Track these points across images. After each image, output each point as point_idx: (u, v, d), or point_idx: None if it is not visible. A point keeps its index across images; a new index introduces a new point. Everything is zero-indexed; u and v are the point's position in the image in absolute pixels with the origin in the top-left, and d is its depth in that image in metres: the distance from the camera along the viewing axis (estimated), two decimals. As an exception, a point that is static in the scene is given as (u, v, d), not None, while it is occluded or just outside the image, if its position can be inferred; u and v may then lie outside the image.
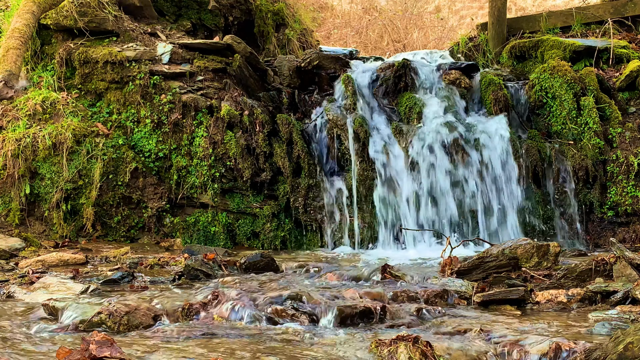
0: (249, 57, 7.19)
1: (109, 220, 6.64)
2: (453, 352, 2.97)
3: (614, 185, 6.56)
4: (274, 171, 6.76)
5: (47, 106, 6.76)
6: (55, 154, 6.55)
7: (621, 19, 7.87)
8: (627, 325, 3.35)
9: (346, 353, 3.04)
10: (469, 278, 4.43)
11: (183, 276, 4.72)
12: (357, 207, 6.60)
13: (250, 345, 3.16)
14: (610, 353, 2.64)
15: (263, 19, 8.54)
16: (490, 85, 7.06)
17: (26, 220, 6.54)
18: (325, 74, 7.42)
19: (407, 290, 4.04)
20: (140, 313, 3.52)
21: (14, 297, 4.21)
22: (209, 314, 3.67)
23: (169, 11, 8.14)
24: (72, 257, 5.32)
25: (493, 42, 7.96)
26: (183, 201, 6.76)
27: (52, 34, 7.23)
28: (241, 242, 6.68)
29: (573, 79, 6.85)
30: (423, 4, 15.84)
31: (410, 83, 7.21)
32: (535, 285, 4.31)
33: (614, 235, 6.47)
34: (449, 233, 6.36)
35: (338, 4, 15.62)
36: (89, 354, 2.67)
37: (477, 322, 3.51)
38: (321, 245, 6.61)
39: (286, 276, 4.76)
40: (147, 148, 6.76)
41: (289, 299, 3.74)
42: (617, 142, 6.68)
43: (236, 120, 6.79)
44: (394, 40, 14.67)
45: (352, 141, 6.73)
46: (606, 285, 3.99)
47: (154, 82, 6.85)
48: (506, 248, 4.85)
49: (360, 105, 7.01)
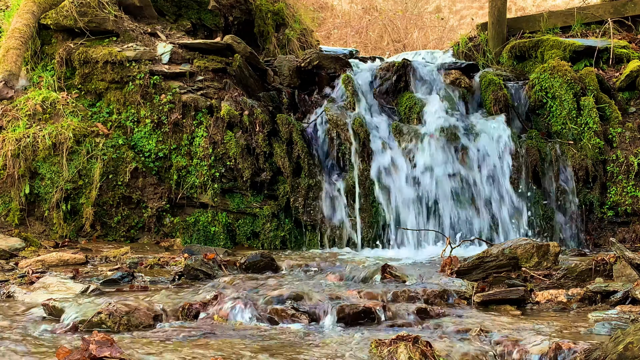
0: (249, 57, 7.19)
1: (109, 220, 6.64)
2: (453, 352, 2.97)
3: (614, 185, 6.56)
4: (274, 171, 6.76)
5: (47, 106, 6.76)
6: (55, 154, 6.55)
7: (621, 19, 7.87)
8: (627, 325, 3.34)
9: (346, 353, 3.04)
10: (469, 278, 4.43)
11: (183, 276, 4.72)
12: (357, 207, 6.59)
13: (250, 345, 3.16)
14: (610, 353, 2.64)
15: (263, 19, 8.54)
16: (490, 85, 7.07)
17: (26, 220, 6.54)
18: (325, 74, 7.42)
19: (407, 290, 4.04)
20: (140, 313, 3.52)
21: (13, 297, 4.21)
22: (209, 314, 3.67)
23: (169, 11, 8.14)
24: (72, 257, 5.32)
25: (493, 42, 7.96)
26: (183, 201, 6.76)
27: (52, 34, 7.22)
28: (241, 242, 6.68)
29: (573, 79, 6.85)
30: (423, 4, 15.84)
31: (410, 83, 7.21)
32: (535, 285, 4.31)
33: (614, 235, 6.47)
34: (449, 233, 6.36)
35: (338, 4, 15.62)
36: (89, 354, 2.67)
37: (477, 322, 3.51)
38: (321, 245, 6.60)
39: (286, 276, 4.76)
40: (147, 148, 6.76)
41: (289, 299, 3.74)
42: (617, 142, 6.68)
43: (236, 120, 6.79)
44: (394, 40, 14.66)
45: (352, 141, 6.73)
46: (606, 285, 3.99)
47: (154, 82, 6.85)
48: (506, 248, 4.85)
49: (360, 105, 7.01)
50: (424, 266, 5.40)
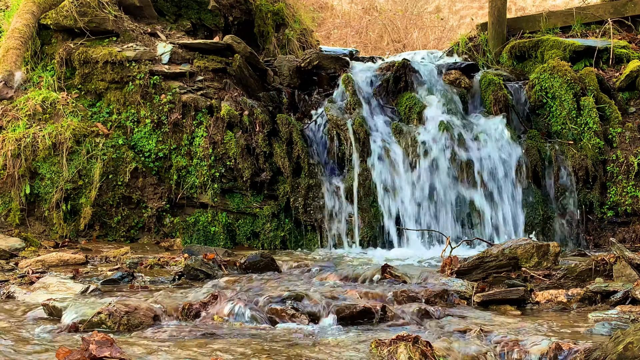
0: (249, 57, 7.19)
1: (108, 220, 6.64)
2: (453, 352, 2.97)
3: (613, 185, 6.56)
4: (274, 171, 6.76)
5: (47, 106, 6.76)
6: (55, 154, 6.55)
7: (621, 19, 7.87)
8: (627, 325, 3.34)
9: (346, 353, 3.04)
10: (469, 278, 4.43)
11: (183, 276, 4.72)
12: (357, 207, 6.59)
13: (250, 345, 3.16)
14: (610, 353, 2.64)
15: (263, 19, 8.54)
16: (490, 85, 7.07)
17: (26, 220, 6.54)
18: (325, 74, 7.42)
19: (407, 290, 4.03)
20: (140, 313, 3.52)
21: (13, 297, 4.21)
22: (209, 314, 3.67)
23: (169, 11, 8.14)
24: (72, 257, 5.32)
25: (493, 42, 7.96)
26: (183, 201, 6.76)
27: (52, 34, 7.22)
28: (241, 242, 6.68)
29: (573, 79, 6.85)
30: (423, 4, 15.84)
31: (410, 83, 7.21)
32: (535, 285, 4.31)
33: (614, 235, 6.47)
34: (449, 233, 6.36)
35: (338, 4, 15.62)
36: (89, 354, 2.67)
37: (477, 322, 3.51)
38: (321, 245, 6.60)
39: (286, 276, 4.76)
40: (147, 148, 6.76)
41: (289, 299, 3.74)
42: (617, 142, 6.68)
43: (236, 120, 6.79)
44: (394, 40, 14.67)
45: (352, 141, 6.73)
46: (606, 285, 3.99)
47: (154, 82, 6.85)
48: (506, 248, 4.85)
49: (360, 105, 7.01)
50: (424, 266, 5.40)
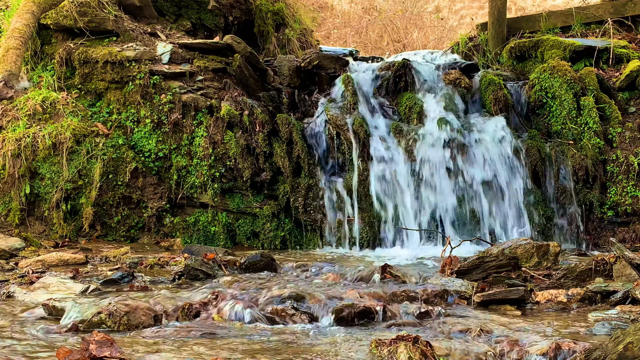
0: (249, 57, 7.19)
1: (108, 220, 6.64)
2: (453, 352, 2.97)
3: (614, 185, 6.56)
4: (274, 171, 6.76)
5: (47, 106, 6.76)
6: (55, 154, 6.55)
7: (621, 19, 7.87)
8: (627, 325, 3.34)
9: (346, 353, 3.04)
10: (469, 278, 4.43)
11: (183, 276, 4.71)
12: (357, 207, 6.60)
13: (250, 345, 3.16)
14: (610, 353, 2.64)
15: (263, 19, 8.54)
16: (490, 85, 7.07)
17: (26, 220, 6.54)
18: (325, 73, 7.42)
19: (407, 290, 4.03)
20: (140, 313, 3.52)
21: (13, 297, 4.21)
22: (209, 313, 3.67)
23: (168, 11, 8.14)
24: (72, 257, 5.32)
25: (493, 42, 7.96)
26: (183, 201, 6.76)
27: (52, 33, 7.23)
28: (241, 242, 6.68)
29: (573, 78, 6.85)
30: (423, 4, 15.84)
31: (410, 83, 7.21)
32: (535, 285, 4.31)
33: (614, 235, 6.47)
34: (449, 233, 6.36)
35: (338, 4, 15.62)
36: (89, 354, 2.67)
37: (477, 322, 3.51)
38: (321, 245, 6.61)
39: (286, 276, 4.76)
40: (147, 148, 6.76)
41: (289, 298, 3.74)
42: (617, 142, 6.68)
43: (236, 120, 6.79)
44: (393, 40, 14.67)
45: (352, 141, 6.73)
46: (606, 285, 3.99)
47: (154, 82, 6.85)
48: (506, 248, 4.85)
49: (360, 105, 7.01)
50: (424, 266, 5.40)
